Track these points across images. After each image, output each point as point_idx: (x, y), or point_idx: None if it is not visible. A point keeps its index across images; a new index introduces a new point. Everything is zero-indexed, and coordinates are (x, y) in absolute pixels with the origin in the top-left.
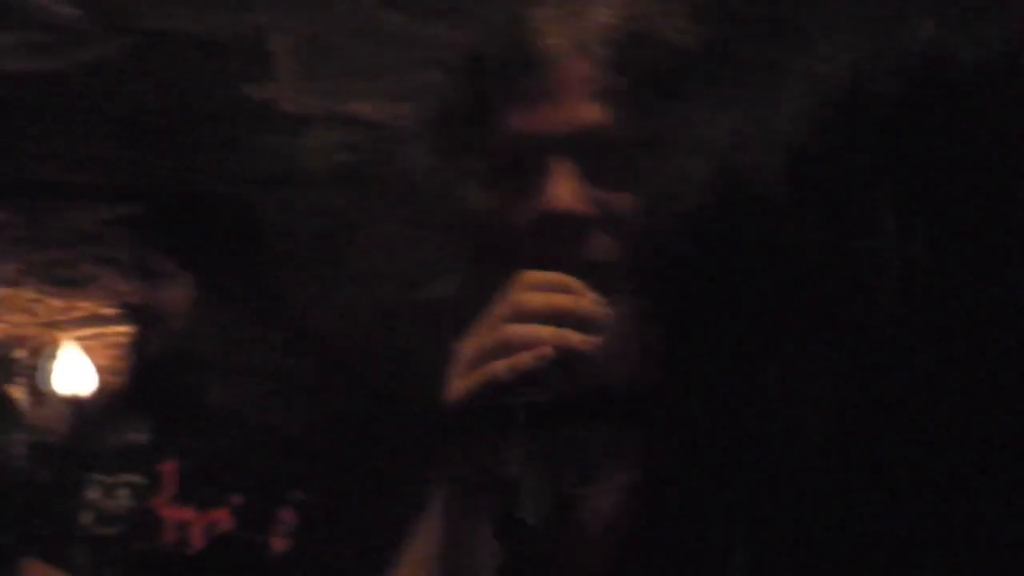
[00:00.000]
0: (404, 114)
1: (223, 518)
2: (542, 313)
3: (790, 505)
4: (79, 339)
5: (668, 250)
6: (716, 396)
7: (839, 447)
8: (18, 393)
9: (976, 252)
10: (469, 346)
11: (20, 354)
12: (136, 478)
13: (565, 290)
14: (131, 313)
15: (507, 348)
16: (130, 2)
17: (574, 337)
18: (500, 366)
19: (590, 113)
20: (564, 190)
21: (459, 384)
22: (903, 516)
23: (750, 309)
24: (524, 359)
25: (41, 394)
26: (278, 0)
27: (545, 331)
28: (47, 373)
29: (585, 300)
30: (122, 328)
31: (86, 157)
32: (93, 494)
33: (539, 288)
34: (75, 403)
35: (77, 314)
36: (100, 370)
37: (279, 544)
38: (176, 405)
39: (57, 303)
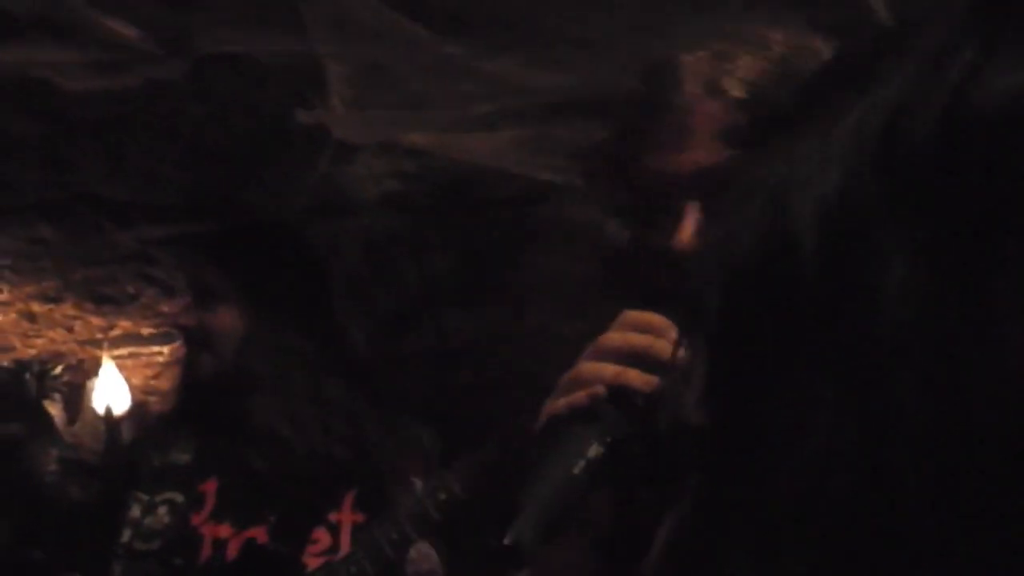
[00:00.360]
0: (456, 145)
1: (259, 535)
2: (616, 352)
3: (825, 557)
4: (117, 358)
5: (719, 291)
6: (756, 442)
7: (877, 494)
8: (54, 409)
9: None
10: (563, 379)
11: (58, 370)
12: (177, 495)
13: (650, 330)
14: (180, 333)
15: (575, 384)
16: (191, 24)
17: (635, 377)
18: (560, 402)
19: (718, 154)
20: (692, 230)
21: (541, 414)
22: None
23: (792, 356)
24: (579, 396)
25: (77, 411)
26: (336, 27)
27: (608, 369)
28: (84, 391)
29: (662, 342)
30: (161, 348)
31: (136, 177)
32: (133, 512)
33: (631, 327)
34: (110, 421)
35: (116, 332)
36: (136, 389)
37: (312, 562)
38: (221, 426)
39: (97, 321)
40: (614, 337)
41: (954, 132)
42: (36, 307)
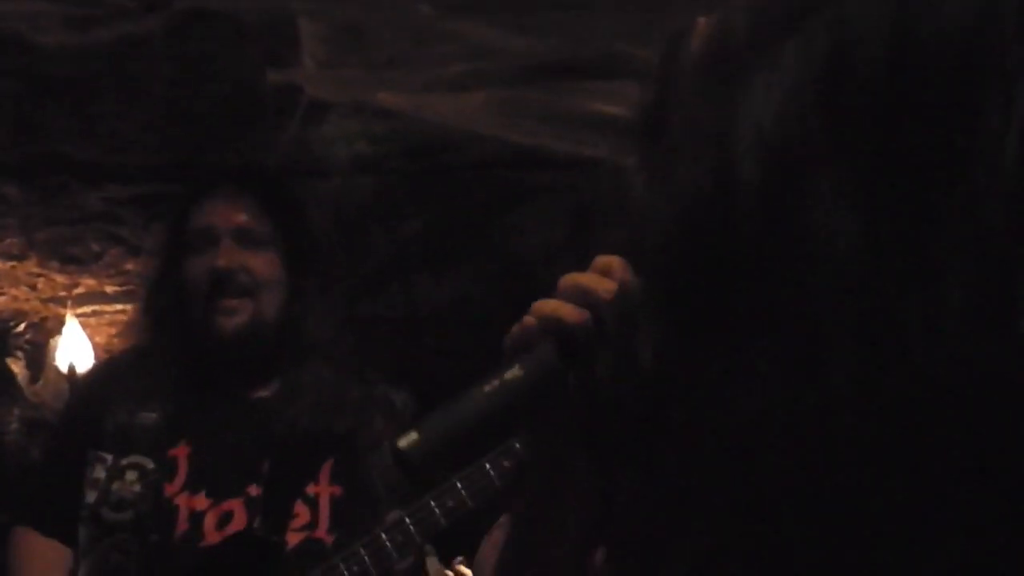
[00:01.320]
0: (428, 107)
1: (237, 509)
2: (564, 288)
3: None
4: (81, 316)
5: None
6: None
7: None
8: (17, 368)
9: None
10: None
11: (20, 328)
12: (145, 460)
13: (608, 272)
14: (154, 290)
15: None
16: None
17: (568, 311)
18: (508, 337)
19: None
20: None
21: None
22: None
23: (731, 303)
24: (514, 331)
25: (40, 370)
26: None
27: (548, 304)
28: (48, 349)
29: (609, 283)
30: (125, 306)
31: (106, 137)
32: (96, 473)
33: (593, 268)
34: (73, 380)
35: (80, 290)
36: (99, 347)
37: (294, 539)
38: (195, 387)
39: (61, 279)
40: (568, 275)
41: (901, 62)
42: None
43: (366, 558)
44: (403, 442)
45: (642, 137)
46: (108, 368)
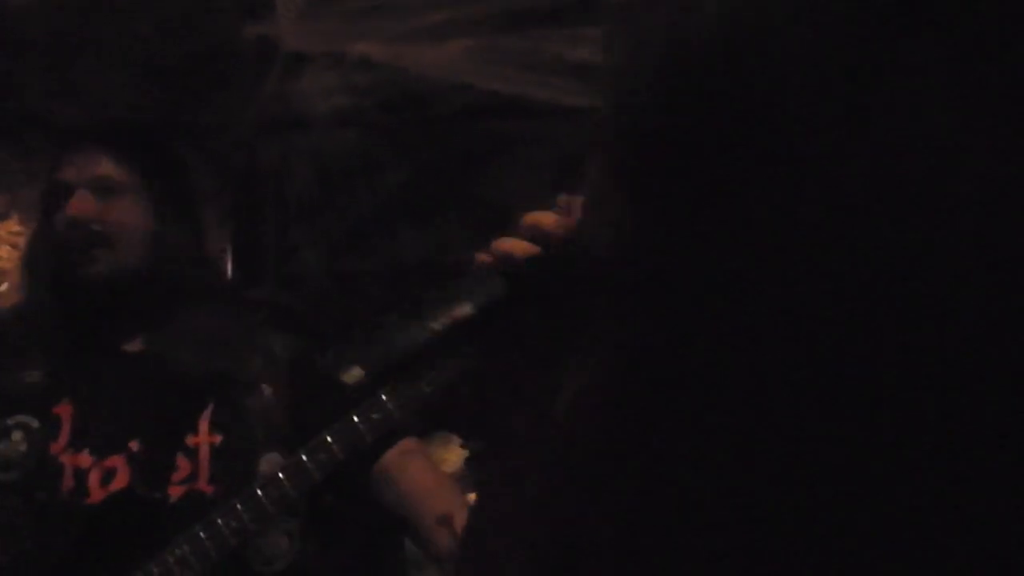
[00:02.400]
0: (408, 56)
1: (120, 465)
2: (521, 227)
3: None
4: None
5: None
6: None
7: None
8: None
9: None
10: None
11: (3, 288)
12: (31, 420)
13: (566, 210)
14: (29, 246)
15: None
16: None
17: (520, 248)
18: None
19: None
20: None
21: None
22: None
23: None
24: (473, 267)
25: None
26: None
27: (503, 243)
28: None
29: (562, 219)
30: None
31: (84, 96)
32: None
33: (559, 206)
34: None
35: None
36: None
37: (176, 492)
38: (73, 343)
39: None
40: (529, 214)
41: None
42: None
43: (243, 515)
44: (347, 377)
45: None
46: None
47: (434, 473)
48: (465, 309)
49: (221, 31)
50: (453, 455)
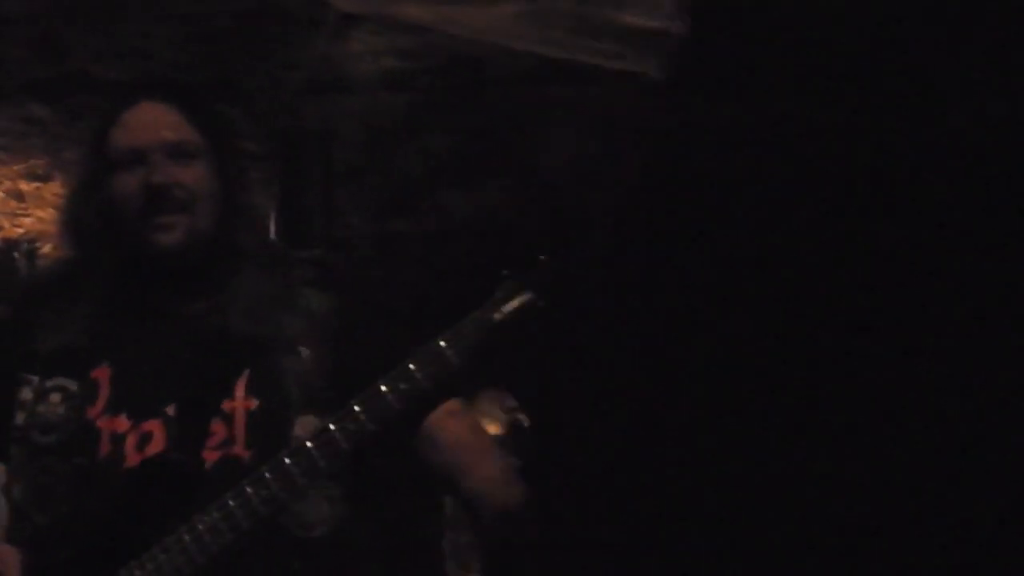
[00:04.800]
0: (456, 19)
1: (156, 430)
2: None
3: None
4: None
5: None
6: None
7: None
8: None
9: None
10: None
11: (46, 249)
12: (69, 383)
13: None
14: (77, 206)
15: None
16: None
17: None
18: None
19: None
20: None
21: None
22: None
23: None
24: None
25: None
26: None
27: None
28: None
29: None
30: None
31: (130, 56)
32: (25, 395)
33: None
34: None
35: None
36: None
37: (211, 457)
38: (121, 305)
39: None
40: None
41: None
42: (24, 186)
43: (272, 484)
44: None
45: None
46: (35, 288)
47: (478, 434)
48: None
49: None
50: (498, 416)
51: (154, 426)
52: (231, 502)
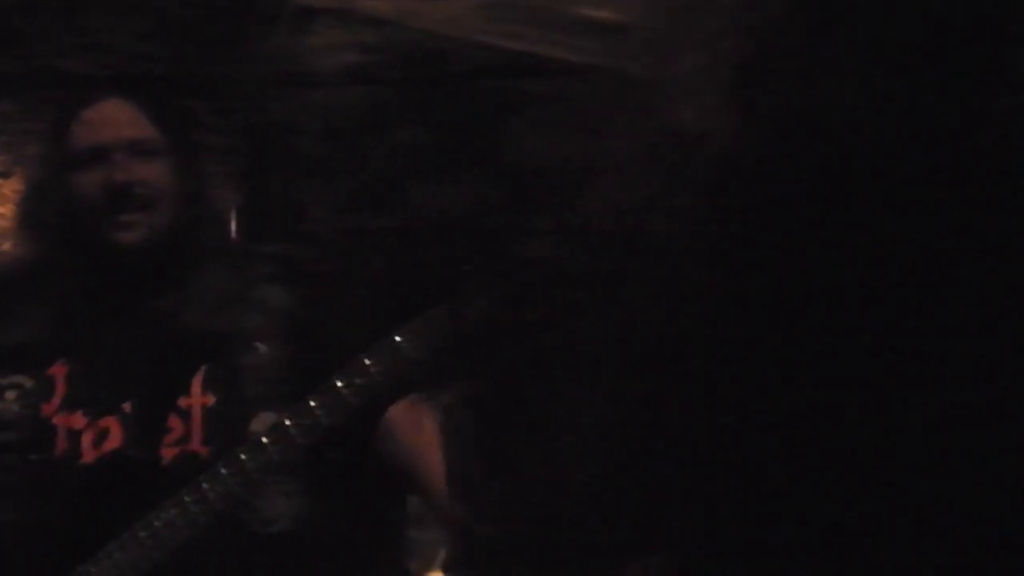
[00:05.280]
0: (417, 13)
1: (113, 426)
2: None
3: None
4: None
5: None
6: None
7: None
8: None
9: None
10: None
11: (5, 246)
12: (25, 379)
13: None
14: (34, 202)
15: None
16: None
17: None
18: None
19: None
20: None
21: None
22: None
23: None
24: None
25: None
26: None
27: None
28: None
29: None
30: None
31: (97, 50)
32: None
33: None
34: None
35: None
36: None
37: (168, 453)
38: (78, 302)
39: None
40: None
41: None
42: None
43: (228, 479)
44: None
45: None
46: None
47: (438, 428)
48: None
49: None
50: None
51: (111, 423)
52: (187, 498)
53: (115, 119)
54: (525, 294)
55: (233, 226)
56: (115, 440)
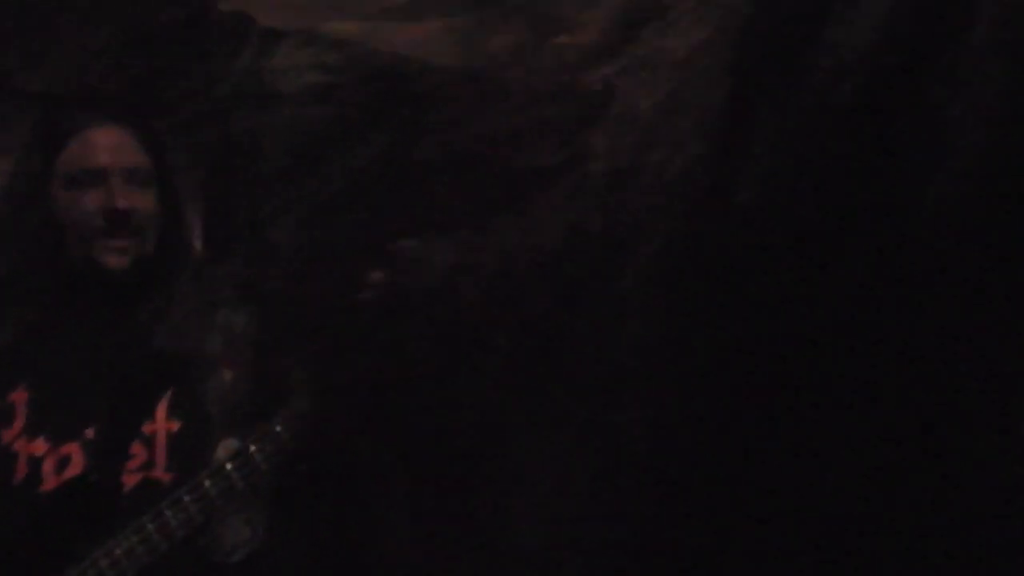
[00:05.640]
0: (380, 34)
1: (74, 452)
2: None
3: None
4: None
5: None
6: None
7: None
8: None
9: None
10: None
11: None
12: None
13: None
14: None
15: None
16: None
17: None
18: None
19: None
20: None
21: None
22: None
23: None
24: None
25: None
26: None
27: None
28: None
29: None
30: None
31: (57, 67)
32: None
33: None
34: None
35: None
36: None
37: (131, 480)
38: (45, 325)
39: None
40: None
41: None
42: None
43: (191, 506)
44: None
45: None
46: None
47: None
48: None
49: (196, 2)
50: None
51: (73, 449)
52: (149, 525)
53: (115, 145)
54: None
55: (198, 248)
56: (77, 466)
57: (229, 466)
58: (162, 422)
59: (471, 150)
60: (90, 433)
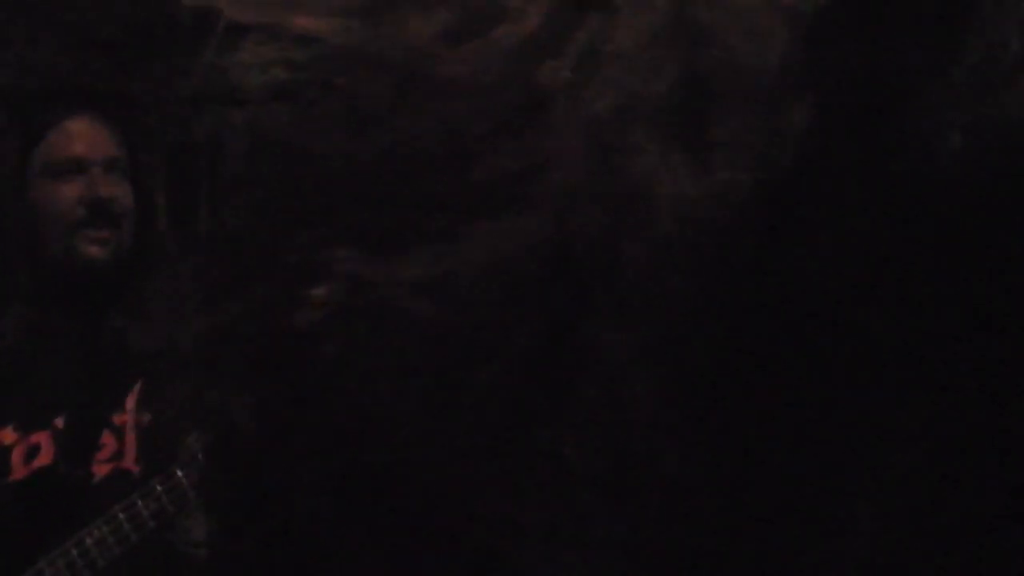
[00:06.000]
0: (349, 30)
1: (44, 442)
2: None
3: None
4: None
5: None
6: None
7: None
8: None
9: None
10: None
11: None
12: None
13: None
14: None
15: None
16: None
17: None
18: None
19: None
20: None
21: None
22: None
23: None
24: None
25: None
26: None
27: None
28: None
29: None
30: None
31: (16, 64)
32: None
33: None
34: None
35: None
36: None
37: (102, 470)
38: (21, 314)
39: None
40: None
41: None
42: None
43: (163, 496)
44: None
45: None
46: None
47: None
48: None
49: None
50: None
51: (42, 438)
52: (121, 515)
53: (94, 135)
54: None
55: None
56: (46, 456)
57: (202, 457)
58: (132, 413)
59: (429, 153)
60: (59, 423)
